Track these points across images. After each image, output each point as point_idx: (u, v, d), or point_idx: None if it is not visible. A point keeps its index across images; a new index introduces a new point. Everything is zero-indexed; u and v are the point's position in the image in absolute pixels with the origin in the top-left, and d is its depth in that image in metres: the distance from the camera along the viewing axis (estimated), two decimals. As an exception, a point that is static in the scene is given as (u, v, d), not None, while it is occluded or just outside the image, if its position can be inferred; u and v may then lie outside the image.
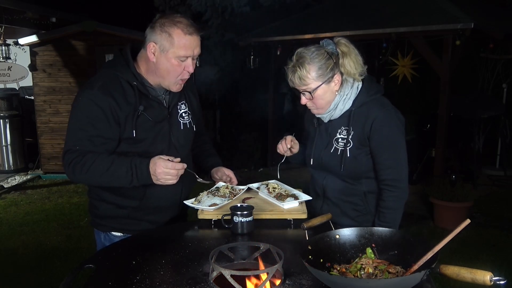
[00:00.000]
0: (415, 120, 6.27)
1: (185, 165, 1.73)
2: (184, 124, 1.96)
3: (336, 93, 1.84)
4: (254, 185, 2.15)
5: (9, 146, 6.99)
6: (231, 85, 7.23)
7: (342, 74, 1.82)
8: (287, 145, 2.01)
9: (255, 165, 7.21)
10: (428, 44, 5.03)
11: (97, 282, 1.38)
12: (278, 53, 6.55)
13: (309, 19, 6.69)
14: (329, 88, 1.81)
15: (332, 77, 1.80)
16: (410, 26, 5.04)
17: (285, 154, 2.03)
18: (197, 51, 1.77)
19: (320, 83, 1.79)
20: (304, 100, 1.86)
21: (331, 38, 1.84)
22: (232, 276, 1.24)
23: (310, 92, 1.80)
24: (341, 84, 1.84)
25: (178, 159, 1.72)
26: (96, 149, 1.73)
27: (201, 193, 2.00)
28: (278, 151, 2.04)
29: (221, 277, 1.27)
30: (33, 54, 6.76)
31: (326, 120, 1.93)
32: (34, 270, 3.79)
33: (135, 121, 1.77)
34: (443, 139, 5.09)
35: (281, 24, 6.75)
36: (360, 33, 5.30)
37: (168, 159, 1.69)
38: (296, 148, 2.04)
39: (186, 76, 1.81)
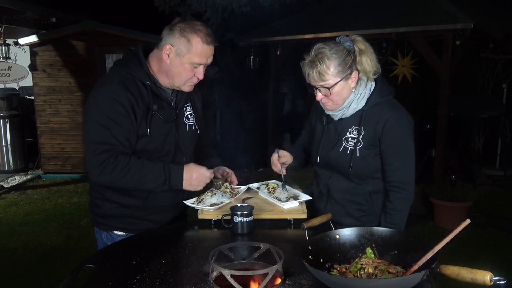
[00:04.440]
0: (415, 120, 6.25)
1: (212, 175, 1.88)
2: (189, 126, 1.99)
3: (353, 90, 1.84)
4: (254, 185, 2.16)
5: (9, 146, 6.99)
6: (231, 85, 7.23)
7: (358, 71, 1.82)
8: (278, 165, 2.03)
9: (255, 165, 7.21)
10: (428, 44, 5.02)
11: (97, 282, 1.38)
12: (278, 53, 6.55)
13: (309, 19, 6.69)
14: (346, 84, 1.81)
15: (350, 74, 1.80)
16: (410, 26, 5.03)
17: (282, 174, 2.06)
18: (210, 60, 1.83)
19: (339, 79, 1.78)
20: (319, 96, 1.84)
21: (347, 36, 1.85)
22: (232, 276, 1.24)
23: (328, 88, 1.79)
24: (357, 82, 1.84)
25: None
26: (123, 147, 1.75)
27: (202, 194, 2.00)
28: (274, 169, 2.08)
29: (221, 277, 1.27)
30: (33, 54, 6.76)
31: (336, 118, 1.92)
32: (34, 270, 3.79)
33: (149, 120, 1.80)
34: (443, 139, 5.09)
35: (281, 24, 6.75)
36: (360, 33, 5.27)
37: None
38: (289, 159, 2.05)
39: (195, 81, 1.85)
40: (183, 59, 1.76)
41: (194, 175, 1.80)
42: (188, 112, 1.99)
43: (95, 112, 1.76)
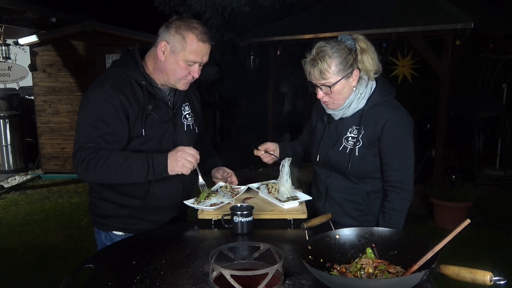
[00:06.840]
0: (415, 120, 6.24)
1: (198, 156, 1.78)
2: (188, 125, 1.98)
3: (354, 89, 1.84)
4: (254, 185, 2.15)
5: (9, 146, 6.98)
6: (231, 85, 7.23)
7: (359, 70, 1.82)
8: (261, 152, 2.04)
9: (255, 165, 7.20)
10: (428, 44, 5.02)
11: (97, 282, 1.38)
12: (278, 53, 6.55)
13: (309, 19, 6.69)
14: (347, 83, 1.81)
15: (351, 72, 1.80)
16: (410, 26, 5.03)
17: (275, 157, 2.05)
18: (205, 58, 1.81)
19: (340, 78, 1.78)
20: (320, 94, 1.84)
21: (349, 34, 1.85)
22: (232, 276, 1.24)
23: (329, 87, 1.79)
24: (358, 81, 1.84)
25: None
26: (109, 147, 1.74)
27: (202, 194, 2.00)
28: (267, 162, 2.08)
29: (221, 277, 1.27)
30: (33, 54, 6.76)
31: (337, 118, 1.92)
32: (34, 270, 3.79)
33: (144, 120, 1.79)
34: (443, 139, 5.09)
35: (281, 24, 6.75)
36: (360, 33, 5.28)
37: None
38: (271, 146, 2.06)
39: (190, 79, 1.84)
40: (177, 57, 1.75)
41: (179, 153, 1.73)
42: (186, 112, 1.98)
43: (86, 112, 1.77)
